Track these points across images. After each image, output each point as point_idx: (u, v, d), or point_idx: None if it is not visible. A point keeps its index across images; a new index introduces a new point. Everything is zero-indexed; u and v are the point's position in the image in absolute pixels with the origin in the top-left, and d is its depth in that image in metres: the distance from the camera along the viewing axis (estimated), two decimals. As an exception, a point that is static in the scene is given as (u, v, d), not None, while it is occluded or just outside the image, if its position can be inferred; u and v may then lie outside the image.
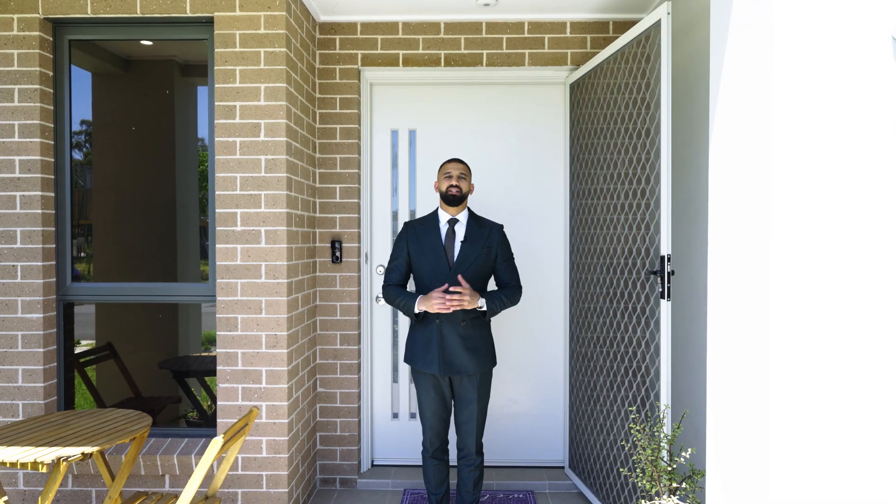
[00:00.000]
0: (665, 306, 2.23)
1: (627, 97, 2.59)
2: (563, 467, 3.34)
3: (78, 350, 3.09)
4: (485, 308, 2.45)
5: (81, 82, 3.09)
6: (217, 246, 2.68)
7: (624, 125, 2.62)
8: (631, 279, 2.54)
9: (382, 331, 3.39)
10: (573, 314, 3.19)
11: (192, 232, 3.04)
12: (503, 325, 3.30)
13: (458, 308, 2.37)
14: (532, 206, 3.34)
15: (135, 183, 3.15)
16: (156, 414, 3.19)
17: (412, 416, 3.40)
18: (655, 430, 2.06)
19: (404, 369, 3.40)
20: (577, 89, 3.14)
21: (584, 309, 3.04)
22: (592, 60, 2.94)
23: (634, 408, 2.30)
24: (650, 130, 2.38)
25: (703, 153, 2.50)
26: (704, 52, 2.47)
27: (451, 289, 2.39)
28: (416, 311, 2.44)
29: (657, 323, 2.30)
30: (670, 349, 2.23)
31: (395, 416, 3.41)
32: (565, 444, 3.31)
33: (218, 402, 2.70)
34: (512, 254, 2.61)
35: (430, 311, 2.39)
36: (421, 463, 2.99)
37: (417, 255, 2.52)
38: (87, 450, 2.02)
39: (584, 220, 3.05)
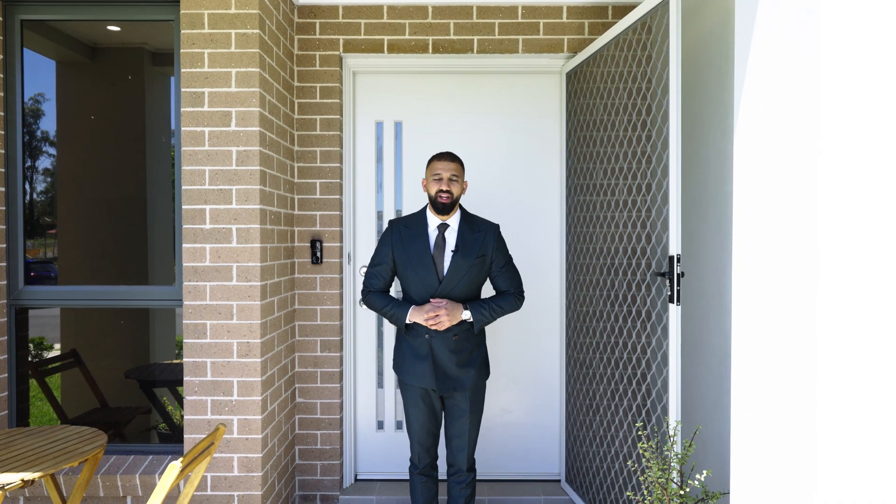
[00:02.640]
0: (674, 311, 2.04)
1: (632, 85, 2.40)
2: (559, 481, 3.15)
3: (42, 357, 2.86)
4: (471, 319, 2.24)
5: (44, 70, 2.88)
6: (184, 245, 2.45)
7: (627, 114, 2.43)
8: (635, 281, 2.35)
9: (366, 336, 3.17)
10: (570, 318, 3.00)
11: (164, 231, 2.81)
12: (494, 330, 3.10)
13: (437, 328, 2.18)
14: (526, 203, 3.14)
15: (102, 179, 2.93)
16: (123, 426, 2.97)
17: (398, 426, 3.19)
18: (666, 448, 1.86)
19: (390, 375, 3.18)
20: (573, 78, 2.94)
21: (581, 312, 2.85)
22: (590, 47, 2.75)
23: (641, 423, 2.11)
24: (657, 119, 2.18)
25: (711, 144, 2.32)
26: (714, 33, 2.28)
27: (432, 302, 2.20)
28: (408, 321, 2.24)
29: (665, 329, 2.11)
30: (680, 358, 2.03)
31: (381, 426, 3.19)
32: (561, 456, 3.11)
33: (185, 417, 2.46)
34: (510, 257, 2.39)
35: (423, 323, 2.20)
36: (408, 477, 2.79)
37: (403, 264, 2.29)
38: (28, 476, 1.79)
39: (581, 218, 2.85)
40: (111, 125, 2.95)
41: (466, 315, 2.21)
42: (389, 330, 3.16)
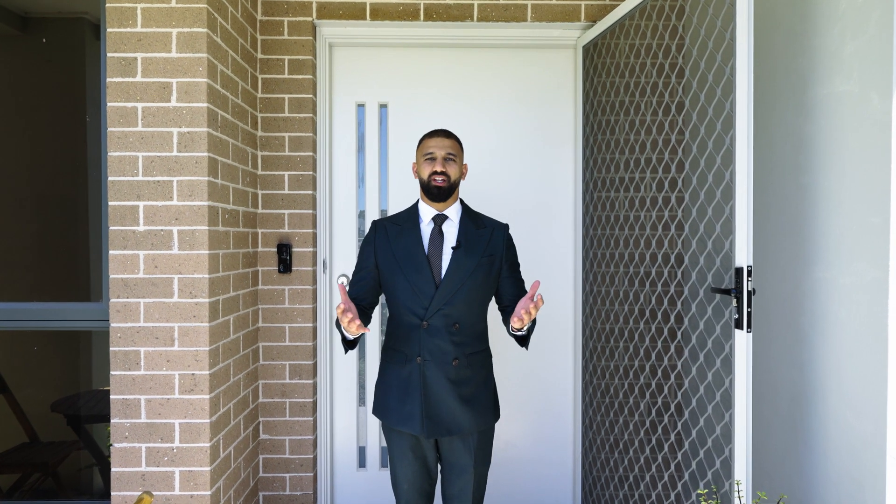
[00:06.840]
0: (743, 339, 1.57)
1: (676, 55, 1.93)
2: (572, 527, 2.68)
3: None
4: (524, 332, 1.75)
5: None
6: (111, 252, 1.93)
7: (668, 89, 1.96)
8: (681, 297, 1.88)
9: (346, 357, 2.66)
10: (587, 336, 2.53)
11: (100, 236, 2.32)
12: (495, 350, 2.61)
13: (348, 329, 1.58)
14: (533, 200, 2.66)
15: (33, 172, 2.46)
16: (56, 465, 2.48)
17: (384, 462, 2.69)
18: (744, 527, 1.40)
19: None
20: (592, 52, 2.48)
21: (602, 330, 2.38)
22: (612, 14, 2.29)
23: (705, 490, 1.64)
24: (715, 92, 1.71)
25: (780, 126, 1.86)
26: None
27: (531, 303, 1.58)
28: (350, 337, 1.71)
29: (727, 361, 1.64)
30: (751, 400, 1.56)
31: (362, 463, 2.69)
32: (576, 497, 2.64)
33: (113, 469, 1.95)
34: (518, 263, 1.91)
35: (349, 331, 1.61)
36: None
37: (389, 267, 1.79)
38: None
39: (601, 218, 2.38)
40: (45, 109, 2.49)
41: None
42: (373, 337, 2.66)
